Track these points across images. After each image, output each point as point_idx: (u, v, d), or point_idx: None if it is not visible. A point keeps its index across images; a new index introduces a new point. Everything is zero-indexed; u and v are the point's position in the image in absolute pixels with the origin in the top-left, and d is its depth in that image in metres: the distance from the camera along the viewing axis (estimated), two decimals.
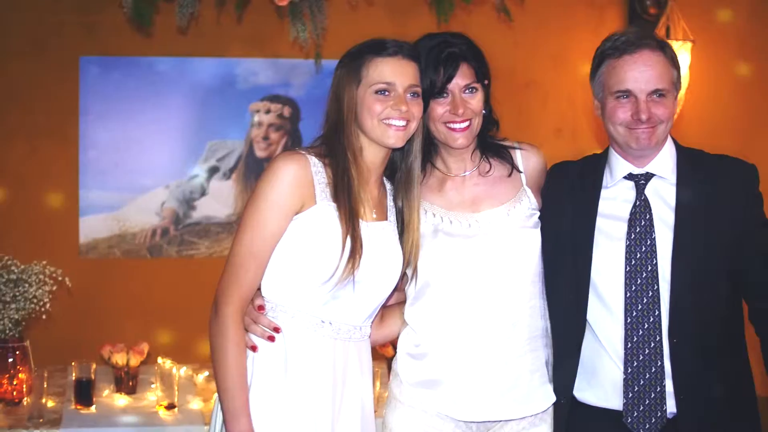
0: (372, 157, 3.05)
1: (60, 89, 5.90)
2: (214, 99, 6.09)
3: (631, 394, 3.00)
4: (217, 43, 6.02)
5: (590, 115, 6.45)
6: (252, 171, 6.17)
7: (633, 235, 3.03)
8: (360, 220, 2.96)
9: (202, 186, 6.11)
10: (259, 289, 3.00)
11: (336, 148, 3.00)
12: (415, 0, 5.58)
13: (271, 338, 2.94)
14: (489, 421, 3.12)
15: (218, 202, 6.16)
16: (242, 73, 6.12)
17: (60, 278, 4.36)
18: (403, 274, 3.15)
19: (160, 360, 4.48)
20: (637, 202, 3.07)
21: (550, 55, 6.45)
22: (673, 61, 3.05)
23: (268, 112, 6.17)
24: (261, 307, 2.97)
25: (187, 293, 6.01)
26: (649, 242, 3.01)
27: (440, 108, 3.09)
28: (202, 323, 5.76)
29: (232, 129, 6.16)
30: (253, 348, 2.95)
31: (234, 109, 6.14)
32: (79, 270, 5.44)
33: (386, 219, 3.11)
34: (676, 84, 3.07)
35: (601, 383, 3.08)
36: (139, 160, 6.03)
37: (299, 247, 2.91)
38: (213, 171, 6.13)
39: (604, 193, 3.14)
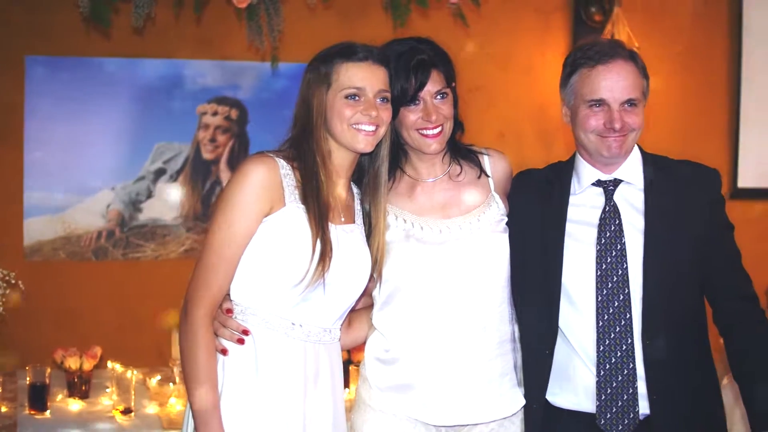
0: (340, 160, 3.06)
1: (5, 89, 5.79)
2: (161, 100, 6.03)
3: (604, 397, 3.04)
4: (165, 45, 5.97)
5: (533, 119, 6.55)
6: (198, 173, 6.13)
7: (603, 240, 3.08)
8: (329, 223, 2.97)
9: (148, 188, 6.05)
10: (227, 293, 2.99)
11: (305, 151, 3.00)
12: (370, 4, 5.59)
13: (241, 341, 2.93)
14: (459, 425, 3.14)
15: (164, 204, 6.10)
16: (190, 75, 6.07)
17: (13, 281, 4.29)
18: (371, 277, 3.16)
19: (110, 364, 4.44)
20: (607, 208, 3.11)
21: (495, 59, 6.51)
22: (643, 71, 3.13)
23: (215, 114, 6.13)
24: (229, 311, 2.96)
25: (133, 296, 5.96)
26: (619, 247, 3.06)
27: (412, 115, 3.11)
28: (149, 326, 5.75)
29: (179, 131, 6.10)
30: (224, 351, 2.93)
31: (181, 111, 6.08)
32: (23, 272, 5.35)
33: (353, 222, 3.12)
34: (646, 93, 3.14)
35: (574, 387, 3.12)
36: (84, 162, 5.94)
37: (269, 250, 2.91)
38: (159, 173, 6.07)
39: (572, 199, 3.18)
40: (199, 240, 6.08)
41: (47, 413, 4.15)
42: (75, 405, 4.27)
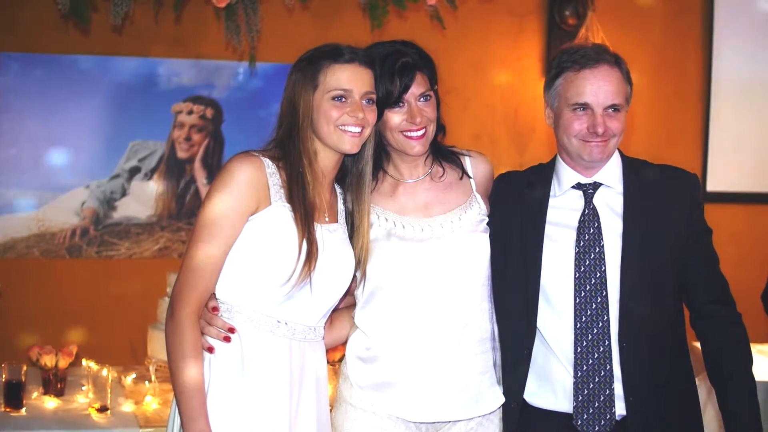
0: (326, 161, 3.08)
1: None
2: (136, 99, 6.05)
3: (580, 398, 3.07)
4: (141, 43, 5.97)
5: (508, 122, 6.60)
6: (173, 172, 6.13)
7: (582, 243, 3.11)
8: (315, 223, 2.99)
9: (123, 186, 6.06)
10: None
11: (290, 151, 3.02)
12: (347, 5, 5.61)
13: (227, 339, 2.95)
14: (439, 422, 3.17)
15: (139, 202, 6.11)
16: (165, 73, 6.08)
17: None
18: (354, 276, 3.19)
19: (84, 362, 4.43)
20: (586, 211, 3.15)
21: (470, 62, 6.56)
22: (627, 77, 3.15)
23: (190, 113, 6.14)
24: (215, 309, 2.97)
25: (107, 294, 5.96)
26: (597, 249, 3.09)
27: (397, 117, 3.14)
28: (122, 325, 5.75)
29: (154, 129, 6.12)
30: (210, 349, 2.95)
31: (156, 109, 6.10)
32: None
33: (337, 221, 3.15)
34: (629, 99, 3.16)
35: (551, 387, 3.15)
36: (59, 159, 5.95)
37: (255, 248, 2.93)
38: (134, 171, 6.08)
39: (552, 201, 3.21)
40: (173, 238, 6.09)
41: (23, 411, 4.13)
42: (51, 403, 4.25)
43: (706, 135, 6.89)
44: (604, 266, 3.09)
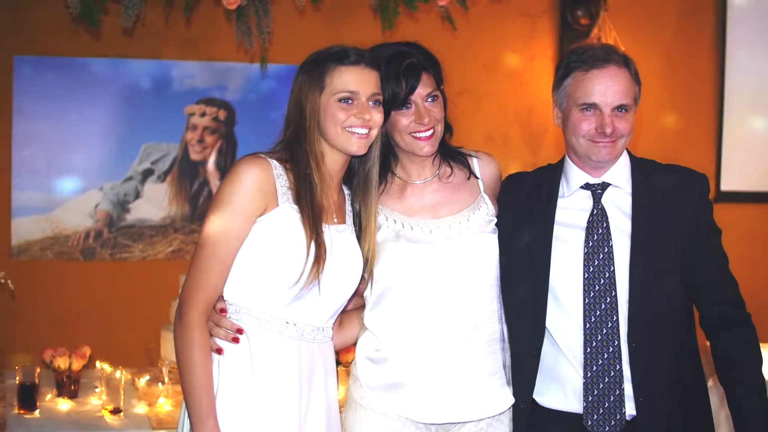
0: (333, 162, 3.09)
1: None
2: (149, 101, 6.05)
3: (590, 398, 3.07)
4: (153, 45, 5.98)
5: (521, 122, 6.59)
6: (186, 174, 6.14)
7: (591, 243, 3.11)
8: (323, 224, 3.00)
9: (136, 188, 6.07)
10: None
11: (298, 153, 3.02)
12: (358, 6, 5.61)
13: (235, 340, 2.95)
14: (448, 423, 3.17)
15: (152, 204, 6.12)
16: (178, 76, 6.09)
17: (2, 281, 4.30)
18: (362, 277, 3.19)
19: (98, 364, 4.45)
20: (594, 211, 3.15)
21: (483, 63, 6.55)
22: (636, 78, 3.15)
23: (203, 115, 6.15)
24: (223, 310, 2.98)
25: (121, 296, 5.97)
26: (606, 249, 3.09)
27: (405, 119, 3.14)
28: (136, 327, 5.77)
29: (167, 132, 6.12)
30: (219, 351, 2.95)
31: (169, 111, 6.10)
32: (10, 272, 5.36)
33: (345, 222, 3.15)
34: (637, 99, 3.16)
35: (561, 387, 3.15)
36: (72, 162, 5.96)
37: (263, 250, 2.94)
38: (147, 173, 6.09)
39: (560, 202, 3.21)
40: (186, 240, 6.11)
41: (36, 413, 4.15)
42: (64, 405, 4.27)
43: (720, 135, 6.87)
44: (613, 266, 3.09)
